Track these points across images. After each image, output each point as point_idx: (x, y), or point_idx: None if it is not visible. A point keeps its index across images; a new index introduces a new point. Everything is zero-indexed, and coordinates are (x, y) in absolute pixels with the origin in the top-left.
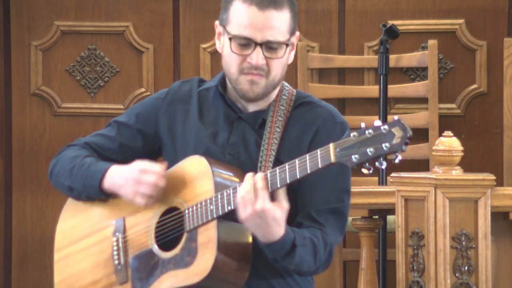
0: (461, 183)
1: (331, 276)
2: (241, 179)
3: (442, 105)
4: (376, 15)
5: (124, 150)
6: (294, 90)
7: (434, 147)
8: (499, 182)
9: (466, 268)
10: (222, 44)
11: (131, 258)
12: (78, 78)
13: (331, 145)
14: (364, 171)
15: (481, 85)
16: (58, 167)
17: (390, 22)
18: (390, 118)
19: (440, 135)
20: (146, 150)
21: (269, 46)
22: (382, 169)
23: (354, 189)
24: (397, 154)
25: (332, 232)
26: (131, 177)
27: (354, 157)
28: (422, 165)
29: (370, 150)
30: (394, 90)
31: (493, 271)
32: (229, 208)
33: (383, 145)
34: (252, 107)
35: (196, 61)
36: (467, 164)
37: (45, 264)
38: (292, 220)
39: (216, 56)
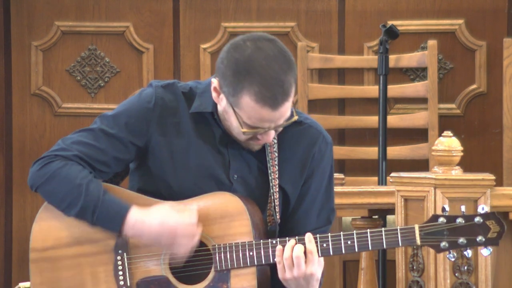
0: (461, 183)
1: (331, 276)
2: (256, 212)
3: (441, 105)
4: (376, 15)
5: (117, 163)
6: None
7: (433, 147)
8: (499, 182)
9: (465, 268)
10: (223, 107)
11: (139, 281)
12: (79, 78)
13: (416, 227)
14: (449, 257)
15: (480, 85)
16: (53, 187)
17: (390, 22)
18: (390, 118)
19: (439, 135)
20: (134, 160)
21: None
22: (467, 257)
23: (354, 189)
24: (489, 247)
25: None
26: (164, 236)
27: (443, 244)
28: (422, 165)
29: (461, 241)
30: (394, 90)
31: (493, 271)
32: (275, 261)
33: (478, 238)
34: None
35: (196, 61)
36: (466, 164)
37: None
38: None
39: (216, 56)
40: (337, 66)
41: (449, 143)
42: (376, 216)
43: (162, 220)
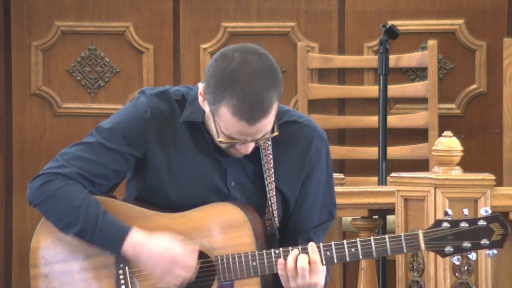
0: (461, 183)
1: (331, 276)
2: (257, 220)
3: (441, 105)
4: (376, 15)
5: (117, 175)
6: None
7: (433, 147)
8: (499, 182)
9: (465, 268)
10: (207, 112)
11: None
12: (79, 78)
13: (420, 234)
14: (454, 260)
15: (480, 85)
16: (52, 206)
17: (390, 22)
18: (390, 118)
19: (439, 135)
20: (132, 168)
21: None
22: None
23: (354, 189)
24: (493, 250)
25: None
26: (160, 265)
27: (448, 249)
28: (422, 165)
29: (466, 245)
30: (394, 90)
31: (493, 271)
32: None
33: (482, 241)
34: None
35: (196, 61)
36: (466, 164)
37: None
38: (289, 239)
39: None
40: (337, 66)
41: (449, 143)
42: (376, 216)
43: (164, 247)
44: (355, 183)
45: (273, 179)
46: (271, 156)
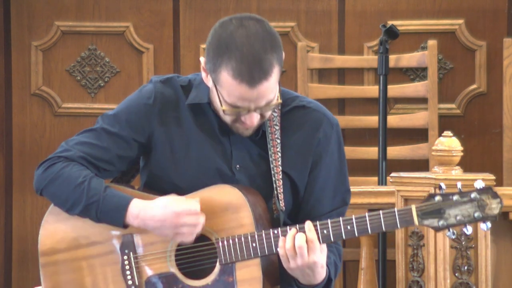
0: (461, 183)
1: None
2: (258, 203)
3: (441, 105)
4: (376, 15)
5: (121, 161)
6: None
7: (433, 147)
8: (499, 182)
9: (465, 268)
10: (211, 86)
11: (147, 279)
12: (79, 78)
13: (413, 208)
14: (449, 235)
15: (480, 85)
16: (56, 188)
17: (390, 22)
18: (390, 118)
19: (439, 135)
20: (138, 156)
21: (263, 107)
22: (466, 234)
23: (354, 189)
24: (486, 222)
25: None
26: (168, 221)
27: (441, 223)
28: (422, 165)
29: (459, 218)
30: (394, 90)
31: (493, 271)
32: (277, 250)
33: (475, 214)
34: None
35: (196, 61)
36: (466, 164)
37: None
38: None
39: None
40: (337, 66)
41: (449, 143)
42: None
43: (166, 205)
44: (355, 183)
45: (279, 163)
46: (278, 141)
